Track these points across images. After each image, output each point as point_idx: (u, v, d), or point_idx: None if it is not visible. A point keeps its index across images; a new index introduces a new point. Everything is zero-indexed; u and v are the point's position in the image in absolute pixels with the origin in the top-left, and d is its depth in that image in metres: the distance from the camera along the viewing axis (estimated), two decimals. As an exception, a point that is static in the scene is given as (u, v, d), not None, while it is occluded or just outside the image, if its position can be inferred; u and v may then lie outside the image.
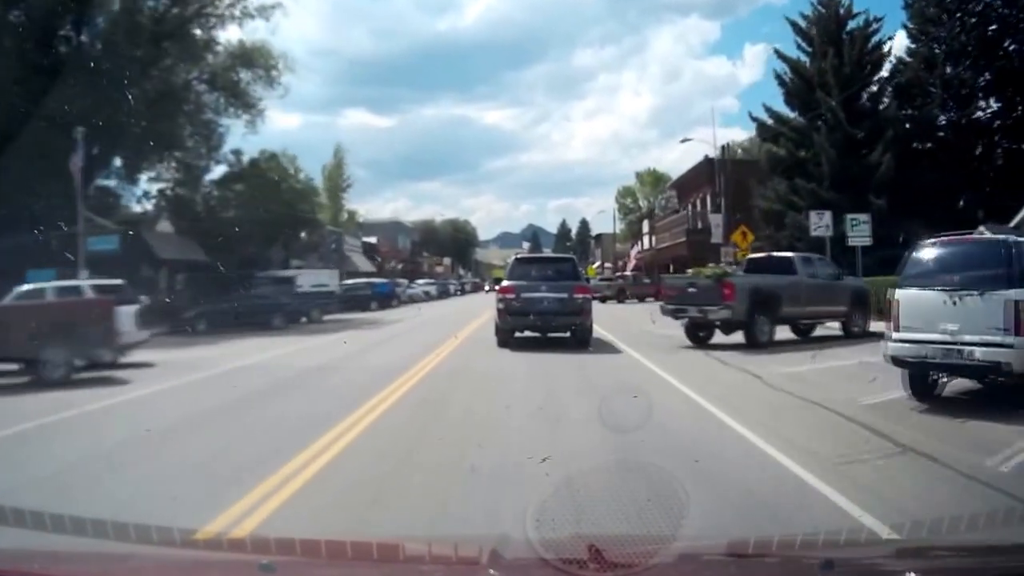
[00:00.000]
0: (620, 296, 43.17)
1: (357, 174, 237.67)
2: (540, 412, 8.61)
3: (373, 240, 65.92)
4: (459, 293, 70.28)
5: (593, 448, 6.65)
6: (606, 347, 16.19)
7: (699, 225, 42.93)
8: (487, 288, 67.60)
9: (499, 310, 15.61)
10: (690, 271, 19.45)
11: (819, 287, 17.16)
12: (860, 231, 22.28)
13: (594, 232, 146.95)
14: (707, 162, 43.48)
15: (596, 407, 7.72)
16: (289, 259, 42.59)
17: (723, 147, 35.58)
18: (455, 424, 8.24)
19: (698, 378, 11.38)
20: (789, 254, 18.36)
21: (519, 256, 19.96)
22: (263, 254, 35.83)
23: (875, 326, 17.76)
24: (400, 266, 69.90)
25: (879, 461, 6.28)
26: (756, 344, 15.37)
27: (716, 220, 34.10)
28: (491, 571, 2.12)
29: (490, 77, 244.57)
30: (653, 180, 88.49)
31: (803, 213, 32.04)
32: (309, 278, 29.05)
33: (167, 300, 28.95)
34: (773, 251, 32.34)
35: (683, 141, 40.07)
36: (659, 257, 50.00)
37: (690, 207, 47.69)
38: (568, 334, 15.69)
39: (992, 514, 3.94)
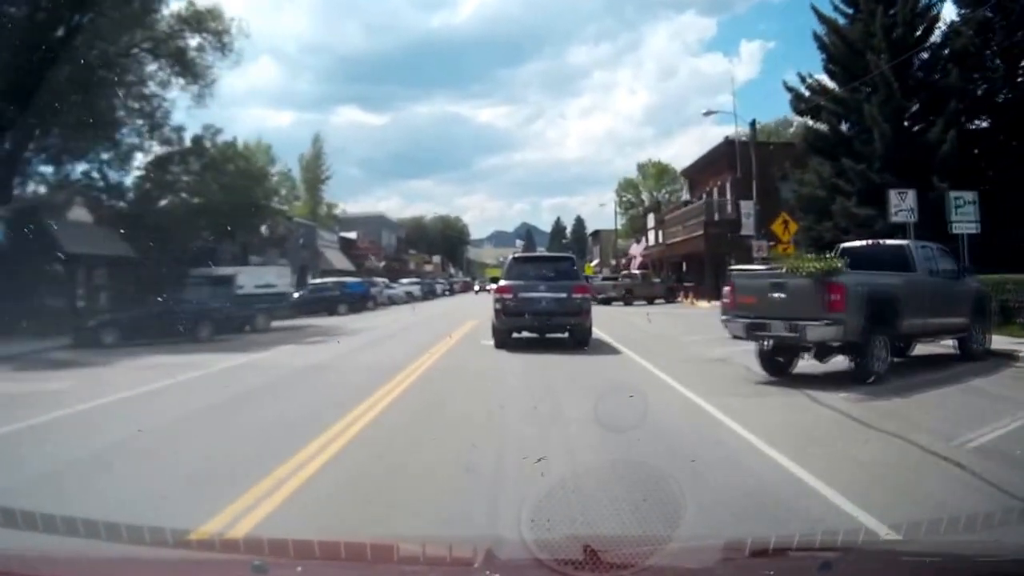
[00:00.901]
0: (627, 297, 37.80)
1: (349, 172, 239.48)
2: None
3: (352, 235, 60.29)
4: (447, 293, 64.88)
5: None
6: (652, 382, 10.79)
7: (716, 216, 37.58)
8: (477, 288, 62.20)
9: (496, 310, 15.09)
10: (755, 263, 14.08)
11: (940, 289, 11.86)
12: (965, 214, 16.92)
13: (590, 229, 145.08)
14: (727, 145, 38.15)
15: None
16: (247, 255, 37.07)
17: (753, 123, 30.15)
18: None
19: (862, 474, 5.92)
20: (902, 241, 12.95)
21: (517, 255, 19.27)
22: (211, 249, 30.25)
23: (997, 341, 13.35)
24: (383, 264, 64.30)
25: None
26: (867, 376, 10.01)
27: (747, 207, 28.79)
28: (486, 572, 2.07)
29: (484, 74, 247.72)
30: (656, 172, 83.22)
31: (852, 199, 26.78)
32: (251, 277, 23.52)
33: (80, 304, 23.49)
34: (812, 246, 27.27)
35: (707, 114, 34.03)
36: (670, 254, 44.64)
37: (705, 196, 42.31)
38: (566, 334, 15.17)
39: (989, 514, 3.83)
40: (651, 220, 60.63)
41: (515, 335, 15.30)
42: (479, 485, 5.41)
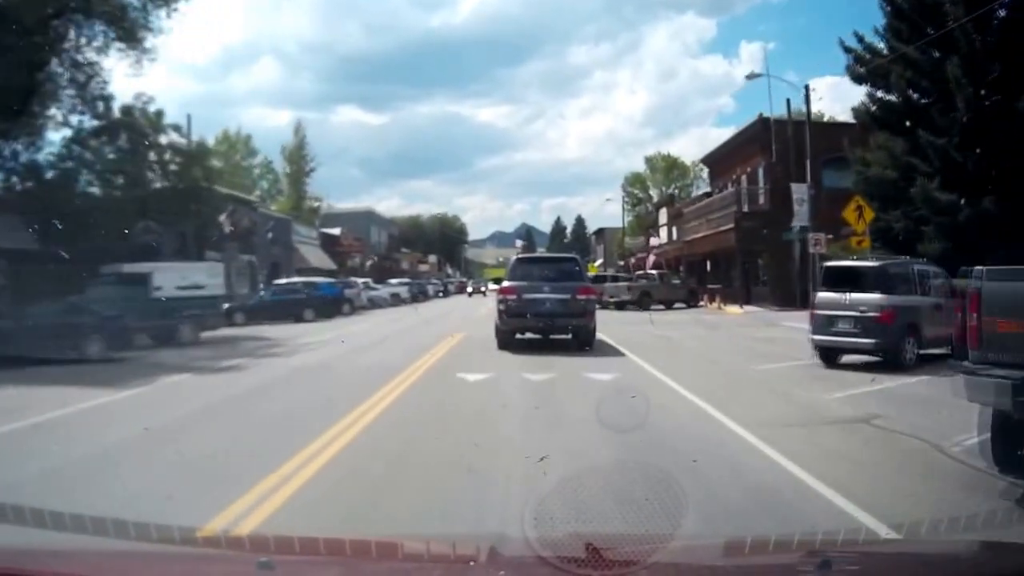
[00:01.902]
0: (643, 301, 32.54)
1: (349, 172, 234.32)
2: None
3: (335, 232, 55.00)
4: (441, 295, 59.54)
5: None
6: (813, 507, 5.46)
7: (745, 207, 32.33)
8: (470, 290, 56.68)
9: (500, 311, 14.88)
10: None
11: None
12: None
13: (591, 229, 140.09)
14: (760, 124, 32.91)
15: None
16: (202, 250, 31.80)
17: (807, 87, 24.90)
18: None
19: None
20: None
21: (521, 256, 19.55)
22: (150, 245, 24.96)
23: None
24: (370, 263, 58.97)
25: None
26: None
27: (799, 192, 23.67)
28: (489, 569, 2.07)
29: (484, 74, 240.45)
30: (666, 166, 78.04)
31: (934, 180, 21.60)
32: (173, 276, 18.26)
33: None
34: (879, 239, 22.09)
35: (750, 77, 27.75)
36: (689, 252, 39.37)
37: (731, 186, 37.06)
38: (569, 335, 14.90)
39: (991, 514, 3.86)
40: (663, 215, 55.41)
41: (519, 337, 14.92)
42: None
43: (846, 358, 11.98)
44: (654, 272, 36.18)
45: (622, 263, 65.59)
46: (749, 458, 6.16)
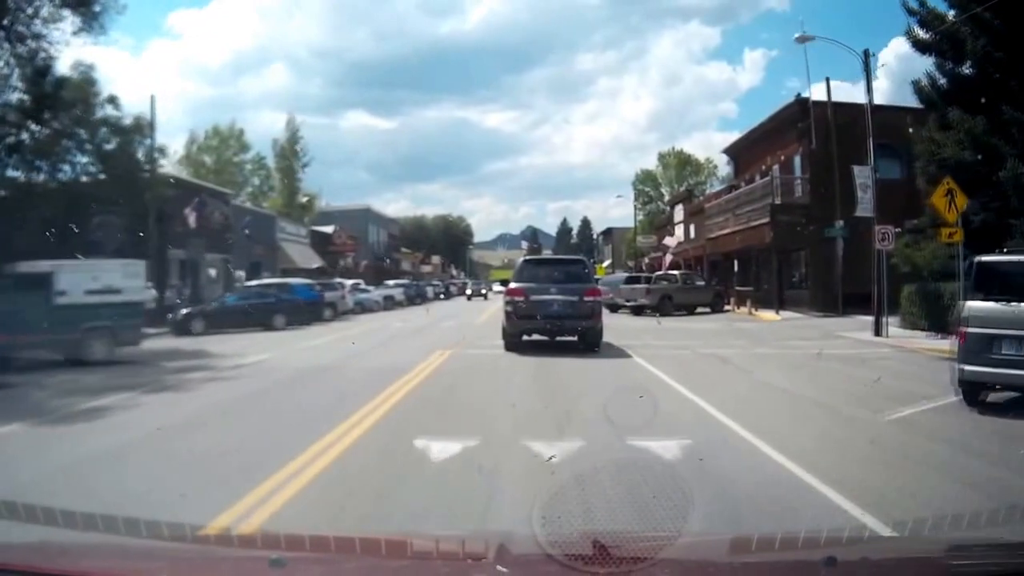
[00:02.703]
0: (663, 306, 28.71)
1: (358, 175, 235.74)
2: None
3: (328, 230, 51.31)
4: (442, 296, 55.80)
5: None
6: None
7: (776, 199, 28.38)
8: (469, 292, 52.62)
9: (507, 312, 14.81)
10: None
11: None
12: None
13: (596, 230, 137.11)
14: (798, 106, 29.02)
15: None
16: (164, 247, 28.16)
17: (866, 53, 20.95)
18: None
19: None
20: None
21: (528, 258, 19.80)
22: (94, 242, 21.35)
23: None
24: (365, 263, 55.23)
25: None
26: None
27: (862, 175, 19.93)
28: (498, 567, 2.03)
29: (491, 80, 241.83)
30: (679, 163, 74.13)
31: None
32: (81, 277, 14.48)
33: None
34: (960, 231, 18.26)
35: (800, 40, 23.29)
36: (712, 250, 35.47)
37: (759, 177, 33.16)
38: (576, 337, 14.86)
39: (994, 512, 3.75)
40: (679, 212, 51.54)
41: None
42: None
43: (996, 394, 8.21)
44: (675, 273, 32.27)
45: (633, 264, 61.68)
46: None
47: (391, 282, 49.02)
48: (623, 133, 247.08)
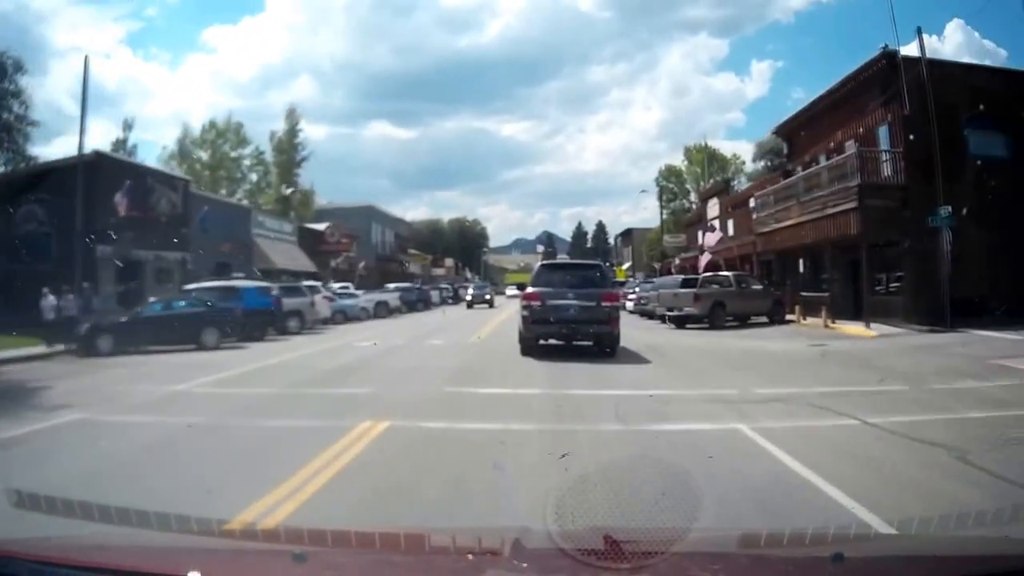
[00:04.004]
0: (715, 316, 22.74)
1: (379, 183, 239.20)
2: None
3: (320, 227, 45.61)
4: (450, 301, 49.91)
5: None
6: None
7: (863, 178, 22.14)
8: (470, 298, 45.88)
9: (523, 317, 14.72)
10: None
11: None
12: None
13: (611, 232, 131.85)
14: (885, 63, 22.87)
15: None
16: (95, 243, 22.62)
17: None
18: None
19: None
20: None
21: (545, 262, 18.93)
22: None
23: None
24: (363, 264, 49.42)
25: None
26: None
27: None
28: (513, 561, 2.09)
29: (507, 92, 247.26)
30: (703, 158, 67.81)
31: None
32: None
33: None
34: None
35: None
36: (768, 247, 29.27)
37: (824, 158, 27.05)
38: (590, 342, 14.69)
39: (999, 510, 3.75)
40: (713, 207, 45.39)
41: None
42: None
43: None
44: (727, 274, 26.16)
45: (659, 266, 55.53)
46: None
47: (391, 286, 43.44)
48: (633, 142, 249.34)
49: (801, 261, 25.98)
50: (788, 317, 25.21)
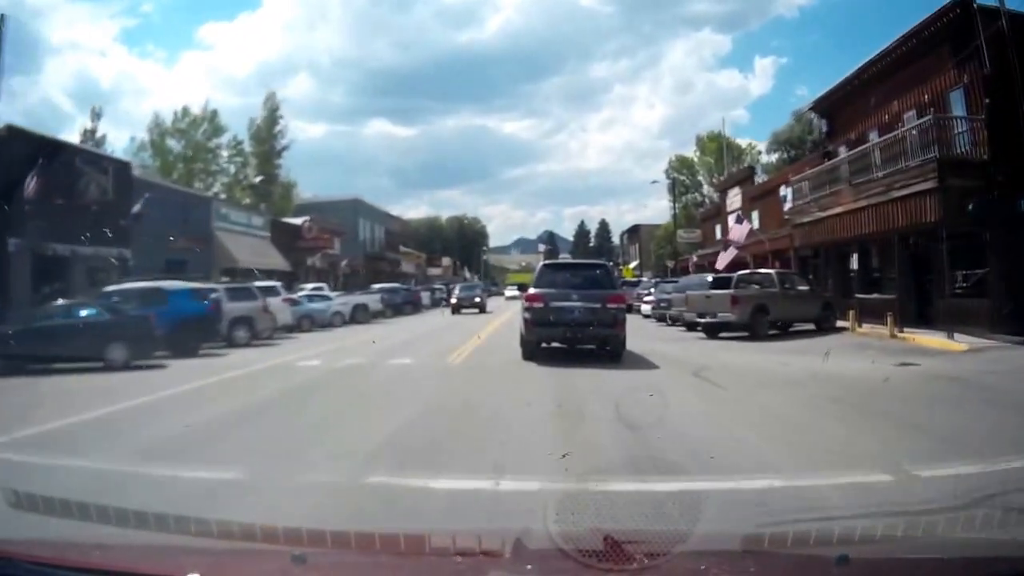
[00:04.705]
0: (757, 323, 18.54)
1: (380, 182, 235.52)
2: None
3: (297, 222, 41.35)
4: (444, 303, 45.42)
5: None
6: None
7: (942, 150, 17.82)
8: (454, 301, 39.31)
9: (525, 319, 14.01)
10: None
11: None
12: None
13: (615, 231, 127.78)
14: (959, 12, 18.67)
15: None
16: (4, 234, 18.47)
17: None
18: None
19: None
20: None
21: (548, 262, 18.38)
22: None
23: None
24: (345, 262, 45.09)
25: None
26: None
27: None
28: (515, 562, 2.09)
29: (509, 89, 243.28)
30: (717, 148, 63.63)
31: None
32: None
33: None
34: None
35: None
36: (812, 239, 25.02)
37: (877, 134, 22.81)
38: (594, 346, 13.90)
39: (1006, 513, 3.75)
40: (734, 199, 41.15)
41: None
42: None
43: None
44: (769, 272, 21.84)
45: (673, 263, 51.22)
46: None
47: (376, 286, 39.30)
48: (636, 139, 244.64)
49: (854, 256, 21.70)
50: (841, 324, 21.08)
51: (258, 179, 43.49)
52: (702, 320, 18.95)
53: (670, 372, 12.40)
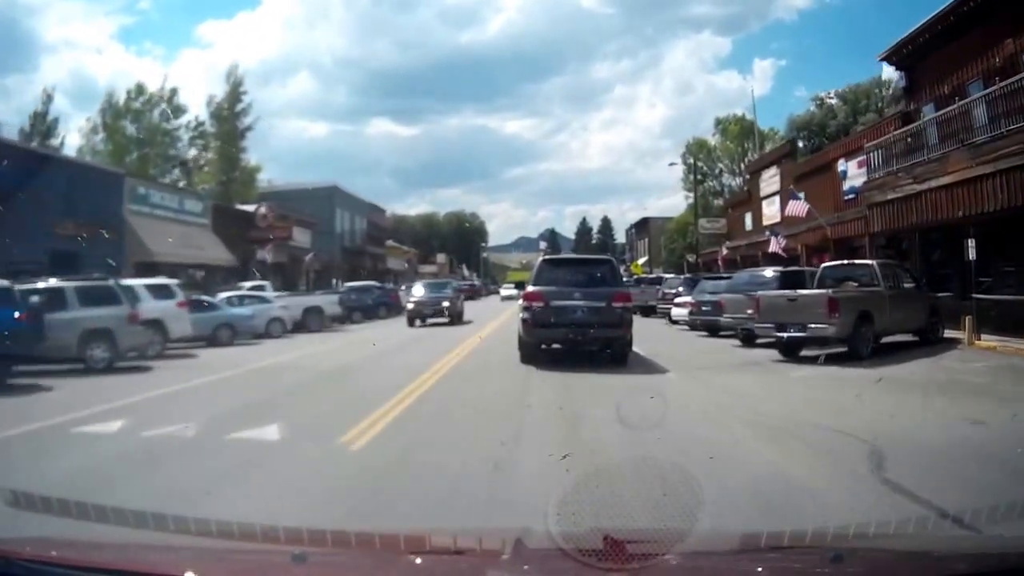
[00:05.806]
0: (859, 338, 12.31)
1: (382, 181, 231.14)
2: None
3: (250, 208, 35.08)
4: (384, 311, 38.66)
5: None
6: None
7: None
8: (414, 303, 25.43)
9: (524, 320, 13.05)
10: None
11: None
12: None
13: (618, 228, 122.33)
14: None
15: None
16: None
17: None
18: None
19: None
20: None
21: (548, 257, 17.54)
22: None
23: None
24: (310, 256, 38.66)
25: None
26: None
27: None
28: (515, 562, 2.07)
29: (511, 89, 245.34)
30: (739, 131, 57.35)
31: None
32: None
33: None
34: None
35: None
36: (894, 223, 18.79)
37: (979, 86, 16.61)
38: (596, 348, 12.99)
39: (993, 509, 3.73)
40: (770, 182, 34.81)
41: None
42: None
43: None
44: (868, 262, 15.34)
45: (695, 258, 44.82)
46: None
47: (347, 285, 33.23)
48: (638, 139, 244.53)
49: (970, 243, 15.41)
50: (953, 335, 14.95)
51: (191, 154, 37.05)
52: (786, 335, 12.63)
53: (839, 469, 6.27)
